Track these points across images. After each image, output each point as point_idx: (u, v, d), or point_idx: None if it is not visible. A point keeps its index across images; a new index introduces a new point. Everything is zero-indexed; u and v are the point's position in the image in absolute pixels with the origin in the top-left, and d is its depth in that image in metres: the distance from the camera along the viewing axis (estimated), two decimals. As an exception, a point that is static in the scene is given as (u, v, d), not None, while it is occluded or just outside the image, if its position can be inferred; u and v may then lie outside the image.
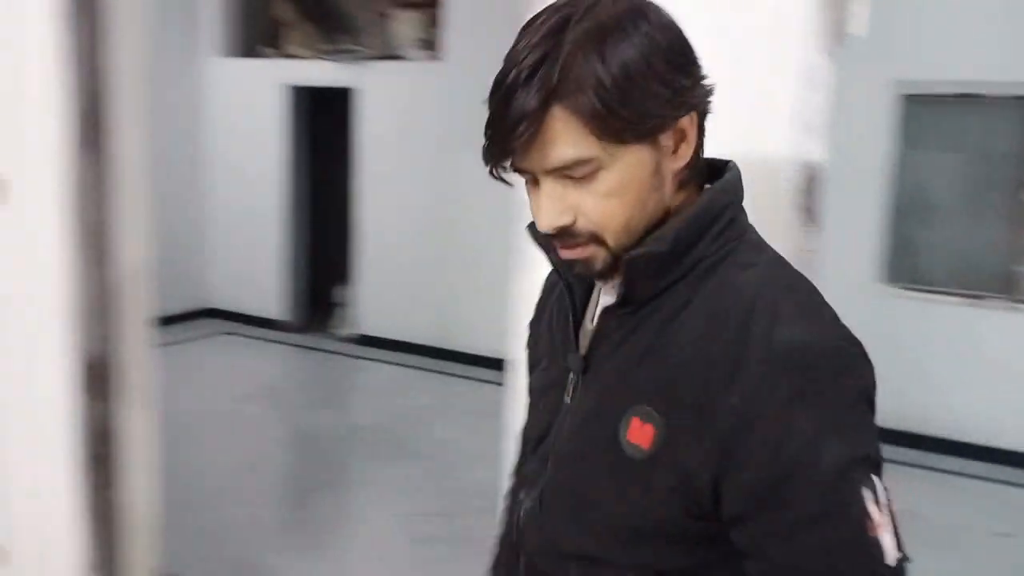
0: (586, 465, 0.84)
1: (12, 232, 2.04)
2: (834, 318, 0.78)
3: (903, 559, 0.74)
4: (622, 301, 0.82)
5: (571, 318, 0.89)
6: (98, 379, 2.02)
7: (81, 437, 2.03)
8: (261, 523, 3.31)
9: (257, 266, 6.33)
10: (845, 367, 0.75)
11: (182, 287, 5.99)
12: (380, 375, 5.58)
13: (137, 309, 2.11)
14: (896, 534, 0.74)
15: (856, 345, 0.77)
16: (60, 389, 2.02)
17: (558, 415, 0.89)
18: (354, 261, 6.07)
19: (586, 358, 0.86)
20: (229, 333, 6.19)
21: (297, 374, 5.75)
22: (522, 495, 0.93)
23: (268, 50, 6.24)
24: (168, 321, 5.43)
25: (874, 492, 0.73)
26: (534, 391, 0.98)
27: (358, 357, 5.81)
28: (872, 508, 0.72)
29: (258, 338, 6.09)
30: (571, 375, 0.88)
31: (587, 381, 0.86)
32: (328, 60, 5.85)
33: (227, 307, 6.46)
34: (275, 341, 6.06)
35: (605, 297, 0.87)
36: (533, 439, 0.94)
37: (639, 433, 0.78)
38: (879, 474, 0.74)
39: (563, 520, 0.86)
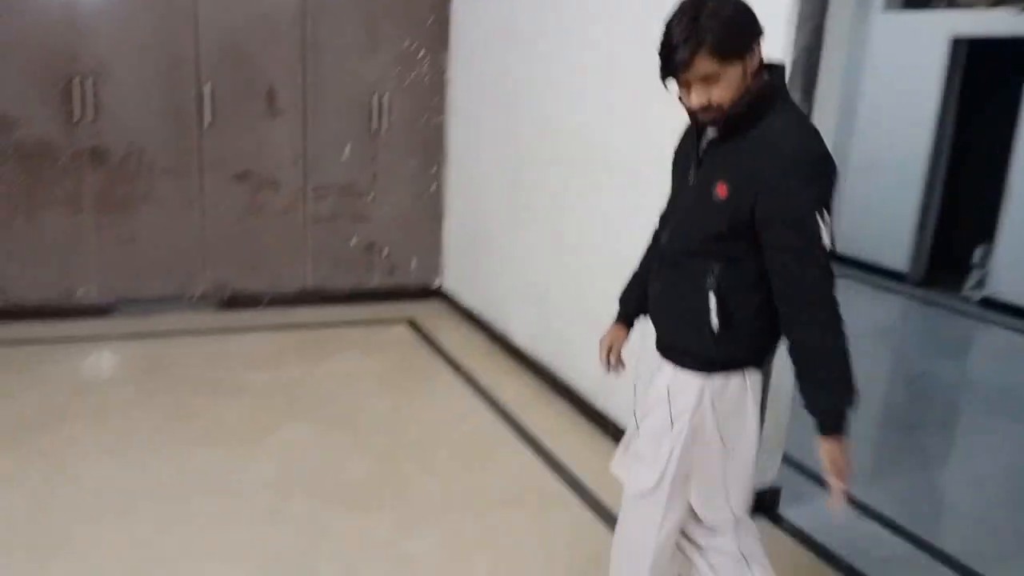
0: (695, 207, 1.74)
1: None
2: (821, 143, 1.64)
3: (832, 248, 1.60)
4: (722, 135, 1.68)
5: (697, 146, 1.75)
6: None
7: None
8: (862, 444, 3.65)
9: (888, 218, 6.46)
10: (821, 164, 1.62)
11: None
12: (1002, 338, 5.33)
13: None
14: (832, 237, 1.60)
15: (829, 157, 1.63)
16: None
17: (684, 191, 1.80)
18: (998, 222, 5.77)
19: (699, 161, 1.74)
20: (846, 277, 6.53)
21: (912, 324, 5.82)
22: (663, 232, 1.87)
23: (938, 1, 6.18)
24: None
25: (823, 218, 1.58)
26: (673, 185, 1.88)
27: (981, 319, 5.60)
28: (822, 224, 1.58)
29: (875, 286, 6.31)
30: (692, 171, 1.76)
31: (699, 172, 1.74)
32: (1008, 8, 5.55)
33: (849, 253, 6.77)
34: (892, 291, 6.19)
35: (710, 135, 1.71)
36: (670, 208, 1.88)
37: (720, 190, 1.66)
38: (829, 208, 1.60)
39: (683, 233, 1.78)
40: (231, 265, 4.71)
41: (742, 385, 1.81)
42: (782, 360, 2.73)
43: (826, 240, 1.59)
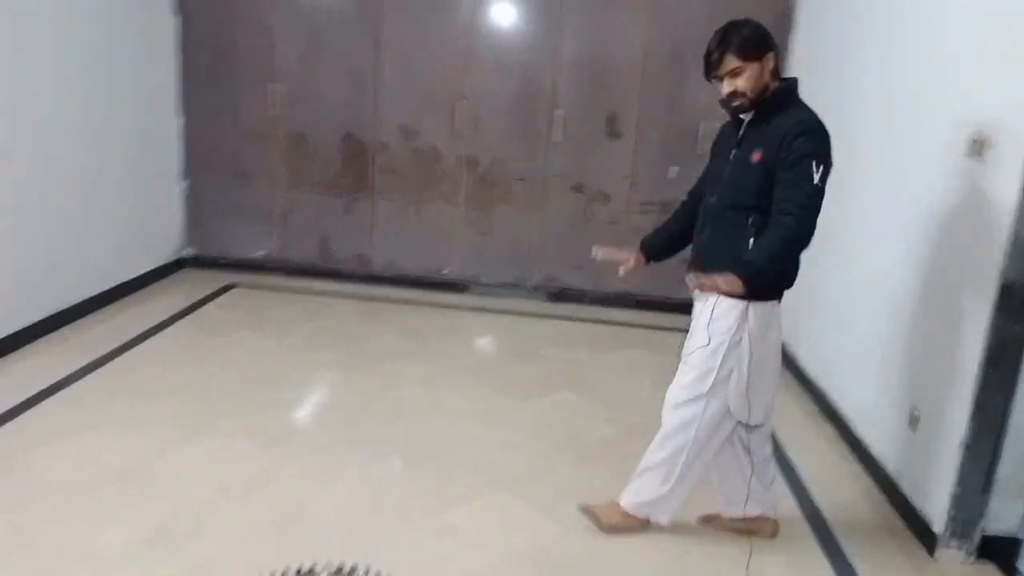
0: (739, 173, 2.48)
1: (984, 180, 2.69)
2: (823, 125, 2.40)
3: (821, 188, 2.34)
4: (753, 120, 2.49)
5: (738, 131, 2.54)
6: (1011, 300, 2.53)
7: (984, 342, 2.60)
8: None
9: None
10: (821, 131, 2.39)
11: None
12: None
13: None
14: (823, 179, 2.34)
15: (828, 133, 2.39)
16: (977, 304, 2.62)
17: (726, 165, 2.54)
18: None
19: (739, 142, 2.52)
20: None
21: None
22: (711, 196, 2.57)
23: None
24: None
25: (819, 167, 2.33)
26: (713, 163, 2.67)
27: None
28: (814, 169, 2.32)
29: None
30: (733, 150, 2.53)
31: (739, 149, 2.51)
32: None
33: None
34: None
35: (749, 121, 2.51)
36: (713, 178, 2.61)
37: (756, 155, 2.42)
38: (826, 165, 2.36)
39: (729, 193, 2.50)
40: (562, 263, 5.48)
41: (770, 311, 2.49)
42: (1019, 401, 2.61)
43: (816, 181, 2.30)
